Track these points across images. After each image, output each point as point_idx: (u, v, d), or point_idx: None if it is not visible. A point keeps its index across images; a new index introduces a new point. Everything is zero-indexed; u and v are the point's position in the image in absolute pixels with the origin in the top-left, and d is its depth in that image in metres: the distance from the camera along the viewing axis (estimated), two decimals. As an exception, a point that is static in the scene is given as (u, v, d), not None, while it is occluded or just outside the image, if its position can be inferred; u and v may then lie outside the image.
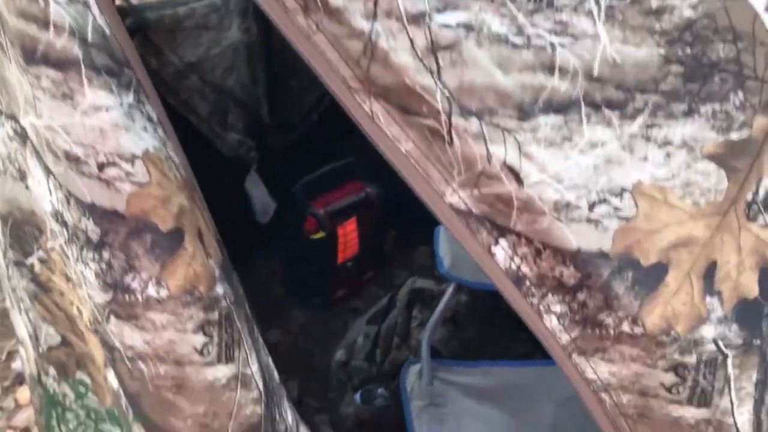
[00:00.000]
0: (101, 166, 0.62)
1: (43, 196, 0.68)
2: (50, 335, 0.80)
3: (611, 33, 0.55)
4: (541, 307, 0.62)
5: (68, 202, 0.64)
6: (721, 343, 0.62)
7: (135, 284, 0.65)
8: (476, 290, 1.81)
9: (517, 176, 0.56)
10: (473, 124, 0.55)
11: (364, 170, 2.13)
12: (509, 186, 0.57)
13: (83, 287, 0.69)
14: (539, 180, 0.57)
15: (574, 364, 0.64)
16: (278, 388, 0.80)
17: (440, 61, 0.54)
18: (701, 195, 0.59)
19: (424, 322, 1.84)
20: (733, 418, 0.64)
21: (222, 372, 0.70)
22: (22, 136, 0.67)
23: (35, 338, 0.82)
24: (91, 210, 0.63)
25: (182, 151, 0.71)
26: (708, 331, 0.62)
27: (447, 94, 0.55)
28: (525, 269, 0.61)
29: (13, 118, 0.67)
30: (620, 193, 0.58)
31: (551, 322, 0.62)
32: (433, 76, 0.54)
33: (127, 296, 0.66)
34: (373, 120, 0.57)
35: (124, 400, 0.72)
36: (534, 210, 0.58)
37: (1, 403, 1.84)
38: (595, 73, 0.56)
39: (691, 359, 0.62)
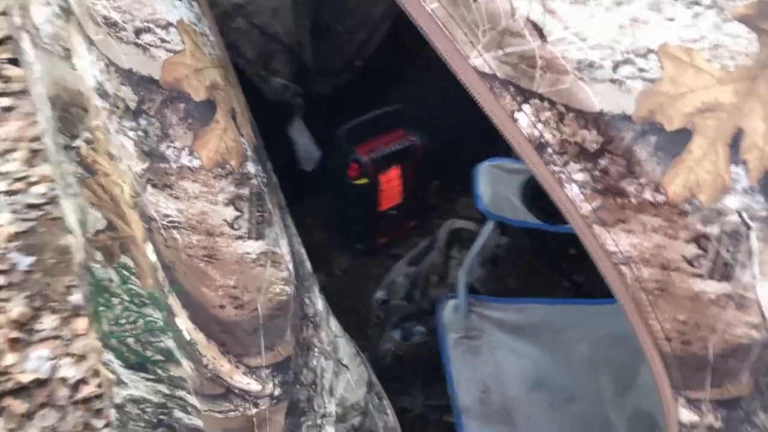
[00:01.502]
0: (138, 32, 0.64)
1: (86, 71, 0.70)
2: (97, 219, 0.82)
3: None
4: (563, 176, 0.61)
5: (108, 71, 0.66)
6: (745, 215, 0.60)
7: (169, 152, 0.67)
8: (517, 234, 1.80)
9: (540, 32, 0.55)
10: (496, -23, 0.55)
11: (410, 119, 2.13)
12: (533, 43, 0.56)
13: (123, 160, 0.70)
14: (562, 37, 0.56)
15: (595, 236, 0.63)
16: (309, 276, 0.81)
17: None
18: (730, 59, 0.57)
19: (462, 262, 1.84)
20: (755, 293, 0.62)
21: (251, 247, 0.71)
22: (67, 11, 0.69)
23: (83, 224, 0.85)
24: (129, 77, 0.65)
25: (220, 35, 0.72)
26: (732, 202, 0.60)
27: (470, -54, 0.54)
28: (547, 135, 0.60)
29: (58, -7, 0.69)
30: (646, 54, 0.56)
31: (572, 191, 0.61)
32: (456, -72, 0.54)
33: (162, 164, 0.67)
34: (397, -21, 0.57)
35: (160, 273, 0.74)
36: (557, 69, 0.57)
37: (60, 333, 1.91)
38: (622, -74, 0.54)
39: (714, 230, 0.60)
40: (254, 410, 0.76)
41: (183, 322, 0.74)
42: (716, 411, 0.69)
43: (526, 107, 0.59)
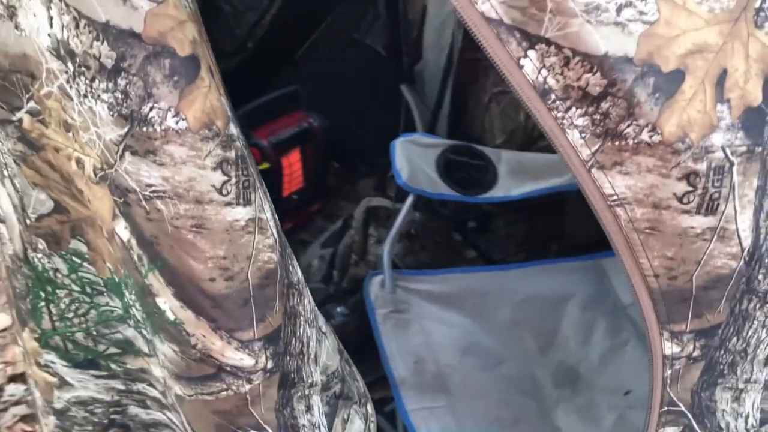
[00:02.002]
0: None
1: (38, 30, 0.63)
2: (41, 202, 0.75)
3: None
4: (565, 121, 0.63)
5: (78, 26, 0.59)
6: (728, 151, 0.64)
7: (153, 114, 0.61)
8: (429, 209, 1.82)
9: (551, -25, 0.56)
10: None
11: (305, 101, 2.09)
12: (544, -14, 0.57)
13: (91, 128, 0.64)
14: (571, -20, 0.57)
15: (593, 179, 0.65)
16: (286, 242, 0.78)
17: None
18: (716, 1, 0.60)
19: (380, 239, 1.84)
20: (736, 224, 0.67)
21: (240, 213, 0.67)
22: (17, -38, 0.62)
23: (21, 209, 0.77)
24: (106, 31, 0.59)
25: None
26: (717, 139, 0.64)
27: None
28: (551, 81, 0.61)
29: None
30: (644, -4, 0.59)
31: (573, 136, 0.63)
32: None
33: (144, 128, 0.62)
34: None
35: (136, 252, 0.68)
36: (566, 12, 0.58)
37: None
38: None
39: (702, 167, 0.64)
40: (248, 386, 0.73)
41: (167, 301, 0.69)
42: (696, 341, 0.73)
43: (531, 53, 0.59)
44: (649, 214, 0.65)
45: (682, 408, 0.77)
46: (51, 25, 0.61)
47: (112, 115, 0.61)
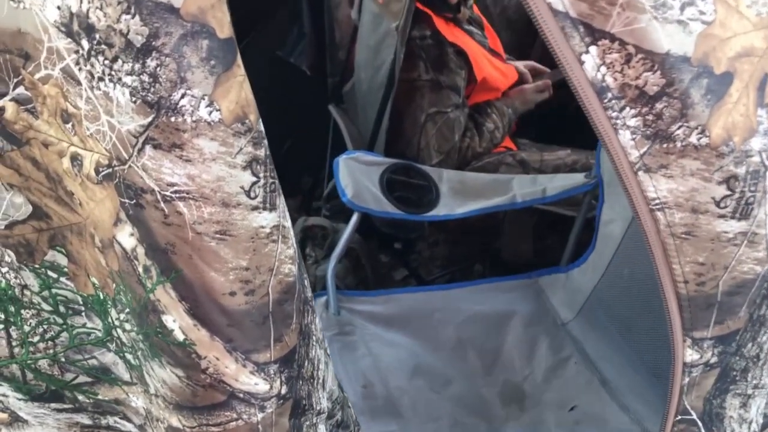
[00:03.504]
0: None
1: (45, 2, 0.53)
2: (15, 206, 0.64)
3: None
4: (618, 121, 0.60)
5: (102, -4, 0.50)
6: (764, 156, 0.64)
7: (185, 102, 0.53)
8: (367, 229, 1.77)
9: (626, -34, 0.54)
10: None
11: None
12: (617, -22, 0.54)
13: (101, 117, 0.55)
14: (643, -26, 0.55)
15: (639, 182, 0.63)
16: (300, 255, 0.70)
17: None
18: (764, 5, 0.60)
19: (318, 259, 1.77)
20: (765, 228, 0.67)
21: (266, 219, 0.60)
22: None
23: (-13, 215, 0.65)
24: (139, 3, 0.50)
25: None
26: (756, 143, 0.63)
27: None
28: (609, 79, 0.58)
29: None
30: (704, -4, 0.58)
31: (625, 137, 0.61)
32: None
33: (173, 117, 0.53)
34: None
35: (142, 263, 0.59)
36: (636, 7, 0.55)
37: None
38: None
39: (742, 171, 0.63)
40: (260, 415, 0.64)
41: (177, 318, 0.60)
42: (714, 347, 0.73)
43: (592, 49, 0.57)
44: (686, 219, 0.64)
45: (694, 416, 0.76)
46: (64, -5, 0.51)
47: (134, 102, 0.52)
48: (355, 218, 1.50)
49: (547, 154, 1.73)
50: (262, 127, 0.59)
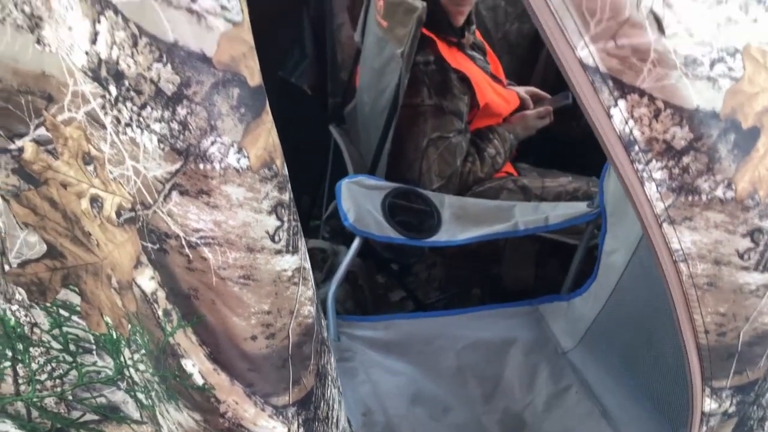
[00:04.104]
0: None
1: (72, 47, 0.52)
2: (29, 245, 0.63)
3: None
4: (644, 174, 0.60)
5: (135, 45, 0.50)
6: (787, 209, 0.65)
7: (214, 149, 0.52)
8: (365, 253, 1.76)
9: (660, 25, 0.54)
10: (628, -35, 0.52)
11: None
12: (650, 36, 0.54)
13: (126, 162, 0.54)
14: (676, 32, 0.55)
15: (663, 234, 0.62)
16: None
17: None
18: (791, 61, 0.61)
19: (317, 283, 1.76)
20: (786, 281, 0.67)
21: (288, 263, 0.59)
22: (52, -36, 0.51)
23: (1, 253, 0.64)
24: (172, 52, 0.49)
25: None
26: (780, 196, 0.64)
27: (608, -70, 0.51)
28: (636, 133, 0.58)
29: (41, -60, 0.51)
30: (734, 53, 0.58)
31: (651, 189, 0.61)
32: None
33: (201, 164, 0.52)
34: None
35: (162, 306, 0.58)
36: (667, 64, 0.55)
37: None
38: (726, -73, 0.55)
39: (766, 224, 0.64)
40: (276, 461, 0.63)
41: (197, 363, 0.59)
42: (733, 397, 0.73)
43: (621, 103, 0.57)
44: (709, 270, 0.64)
45: (709, 465, 0.76)
46: (94, 42, 0.50)
47: (163, 148, 0.52)
48: (356, 243, 1.50)
49: (548, 181, 1.73)
50: (286, 171, 0.58)
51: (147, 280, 0.56)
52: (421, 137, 1.71)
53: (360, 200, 1.52)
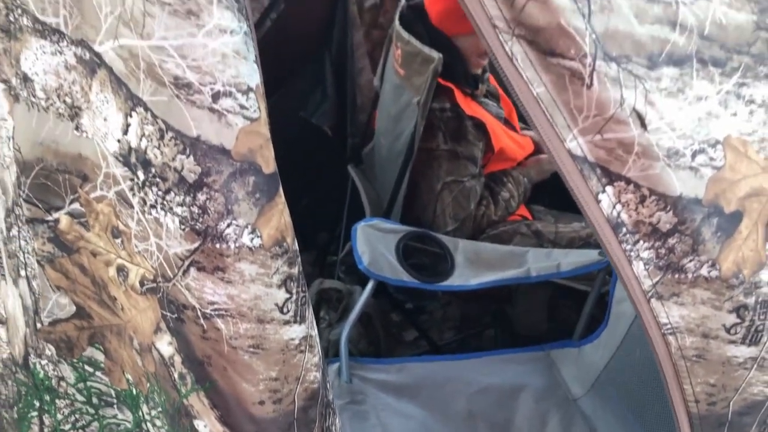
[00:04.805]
0: (216, 96, 0.55)
1: (106, 135, 0.59)
2: (60, 306, 0.69)
3: (721, -4, 0.60)
4: (632, 253, 0.65)
5: (162, 138, 0.56)
6: (772, 286, 0.69)
7: (230, 231, 0.58)
8: (378, 292, 1.81)
9: (642, 121, 0.59)
10: (613, 68, 0.57)
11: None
12: (634, 131, 0.59)
13: (150, 238, 0.60)
14: (658, 127, 0.60)
15: (651, 309, 0.67)
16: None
17: (592, 6, 0.55)
18: (771, 150, 0.65)
19: (332, 323, 1.81)
20: (773, 354, 0.71)
21: (296, 332, 0.64)
22: (92, 63, 0.58)
23: (34, 312, 0.70)
24: (195, 145, 0.55)
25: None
26: (765, 275, 0.68)
27: (594, 38, 0.56)
28: (624, 216, 0.63)
29: (81, 43, 0.57)
30: (715, 144, 0.62)
31: (638, 267, 0.65)
32: (584, 19, 0.56)
33: (218, 244, 0.58)
34: (511, 61, 0.57)
35: (178, 370, 0.64)
36: (651, 155, 0.60)
37: None
38: (706, 31, 0.60)
39: (751, 301, 0.68)
40: None
41: (208, 424, 0.64)
42: (723, 463, 0.76)
43: (609, 189, 0.61)
44: (698, 343, 0.68)
45: None
46: (126, 132, 0.57)
47: (183, 229, 0.58)
48: (371, 285, 1.54)
49: (562, 226, 1.77)
50: (296, 246, 0.63)
51: (165, 345, 0.62)
52: (435, 181, 1.76)
53: (375, 243, 1.57)
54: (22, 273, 0.67)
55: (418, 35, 1.62)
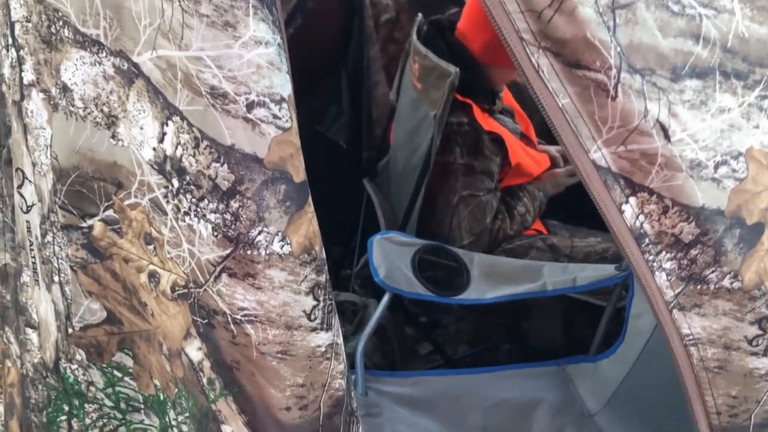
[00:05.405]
0: (251, 106, 0.57)
1: (142, 143, 0.60)
2: (91, 311, 0.70)
3: (743, 10, 0.61)
4: (654, 264, 0.66)
5: (197, 146, 0.58)
6: (794, 298, 0.69)
7: (261, 238, 0.60)
8: (393, 305, 1.82)
9: (666, 132, 0.60)
10: (637, 80, 0.59)
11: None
12: (658, 142, 0.60)
13: (183, 245, 0.62)
14: (681, 138, 0.61)
15: (673, 320, 0.68)
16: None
17: (617, 19, 0.57)
18: (793, 162, 0.66)
19: (347, 335, 1.81)
20: (795, 366, 0.72)
21: (323, 339, 0.66)
22: (129, 74, 0.60)
23: (66, 317, 0.72)
24: (229, 154, 0.57)
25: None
26: (787, 286, 0.69)
27: (619, 50, 0.58)
28: (647, 226, 0.64)
29: (120, 54, 0.60)
30: (737, 156, 0.64)
31: (661, 278, 0.66)
32: (609, 32, 0.57)
33: (249, 251, 0.60)
34: (537, 73, 0.58)
35: (206, 375, 0.65)
36: (673, 167, 0.62)
37: None
38: (729, 44, 0.61)
39: (773, 312, 0.69)
40: None
41: (236, 429, 0.65)
42: (744, 475, 0.76)
43: (632, 200, 0.63)
44: (719, 354, 0.69)
45: None
46: (161, 141, 0.59)
47: (216, 236, 0.59)
48: (386, 298, 1.55)
49: (577, 240, 1.77)
50: (324, 255, 0.65)
51: (195, 350, 0.63)
52: (452, 194, 1.77)
53: (391, 256, 1.58)
54: (56, 279, 0.69)
55: (438, 50, 1.64)
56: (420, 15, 1.83)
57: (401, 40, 2.19)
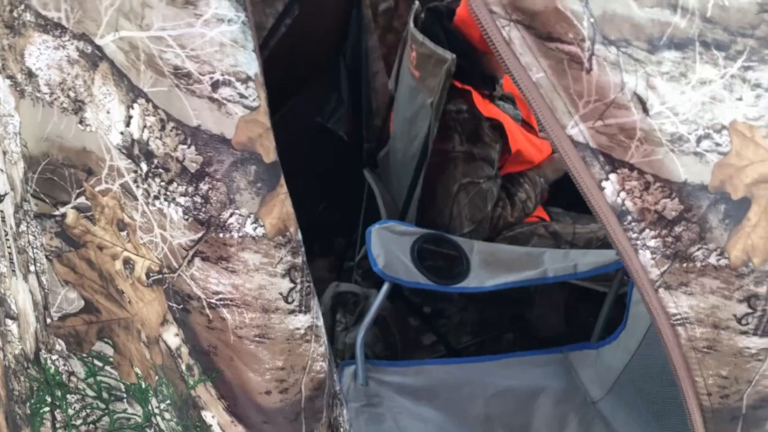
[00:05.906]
0: (215, 85, 0.56)
1: (110, 128, 0.60)
2: (69, 300, 0.70)
3: (724, -22, 0.59)
4: (638, 242, 0.64)
5: (163, 128, 0.57)
6: (783, 275, 0.68)
7: (233, 220, 0.59)
8: (395, 296, 1.81)
9: (644, 106, 0.59)
10: (612, 52, 0.57)
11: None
12: (636, 116, 0.59)
13: (155, 230, 0.61)
14: (660, 111, 0.59)
15: (659, 299, 0.66)
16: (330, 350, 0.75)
17: (589, -11, 0.55)
18: (780, 135, 0.64)
19: (348, 326, 1.81)
20: (786, 345, 0.70)
21: (301, 321, 0.65)
22: (93, 57, 0.59)
23: (44, 307, 0.71)
24: (195, 135, 0.56)
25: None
26: (776, 263, 0.67)
27: (592, 21, 0.56)
28: (628, 203, 0.63)
29: (83, 37, 0.59)
30: (720, 130, 0.62)
31: (645, 257, 0.65)
32: (581, 3, 0.56)
33: (221, 234, 0.59)
34: (508, 46, 0.57)
35: (185, 361, 0.64)
36: (653, 141, 0.60)
37: None
38: (708, 14, 0.60)
39: (763, 290, 0.67)
40: None
41: (216, 415, 0.65)
42: (738, 459, 0.75)
43: (612, 176, 0.61)
44: (708, 334, 0.67)
45: None
46: (128, 124, 0.58)
47: (187, 220, 0.58)
48: (385, 287, 1.54)
49: (579, 227, 1.75)
50: (300, 236, 0.64)
51: (172, 336, 0.63)
52: (451, 182, 1.76)
53: (390, 246, 1.57)
54: (32, 268, 0.68)
55: (436, 38, 1.63)
56: (417, 2, 1.81)
57: (400, 29, 2.18)
